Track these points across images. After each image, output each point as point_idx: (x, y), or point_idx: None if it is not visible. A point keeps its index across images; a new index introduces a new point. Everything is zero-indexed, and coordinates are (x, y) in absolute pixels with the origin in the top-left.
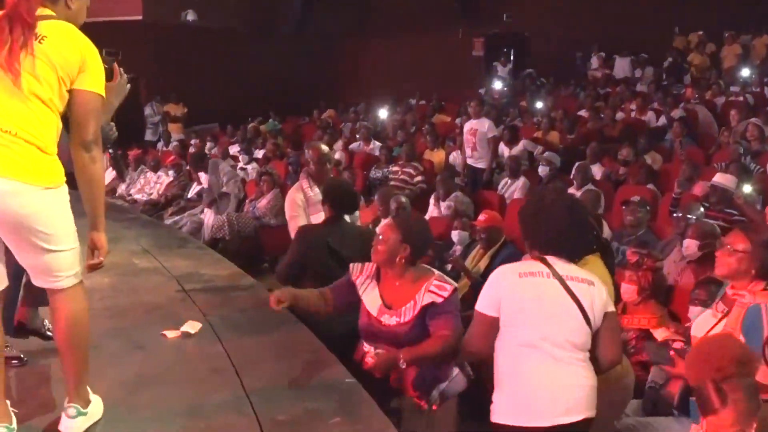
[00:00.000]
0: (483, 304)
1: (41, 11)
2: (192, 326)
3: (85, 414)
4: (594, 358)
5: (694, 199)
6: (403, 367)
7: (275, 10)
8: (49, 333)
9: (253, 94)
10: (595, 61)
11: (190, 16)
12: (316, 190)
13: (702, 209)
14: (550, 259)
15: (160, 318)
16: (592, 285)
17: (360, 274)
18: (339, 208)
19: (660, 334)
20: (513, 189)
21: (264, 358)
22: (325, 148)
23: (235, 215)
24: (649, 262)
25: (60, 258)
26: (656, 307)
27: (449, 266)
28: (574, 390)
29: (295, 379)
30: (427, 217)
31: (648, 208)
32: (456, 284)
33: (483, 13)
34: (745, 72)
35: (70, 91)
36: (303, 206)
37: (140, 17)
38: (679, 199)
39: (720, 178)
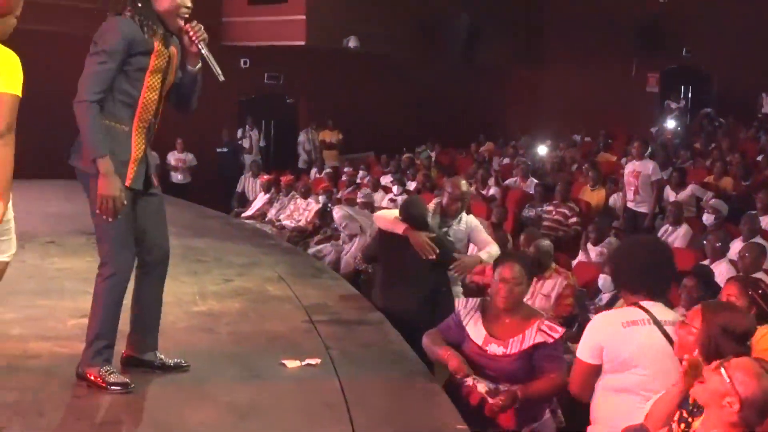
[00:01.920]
0: (586, 354)
1: None
2: (313, 359)
3: None
4: None
5: None
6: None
7: (441, 37)
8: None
9: (412, 124)
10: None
11: (353, 42)
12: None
13: None
14: (646, 304)
15: (282, 347)
16: None
17: (464, 307)
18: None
19: None
20: (674, 237)
21: (378, 396)
22: (465, 186)
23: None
24: None
25: None
26: None
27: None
28: None
29: (405, 420)
30: (575, 261)
31: None
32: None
33: (660, 47)
34: None
35: None
36: None
37: (303, 42)
38: None
39: None
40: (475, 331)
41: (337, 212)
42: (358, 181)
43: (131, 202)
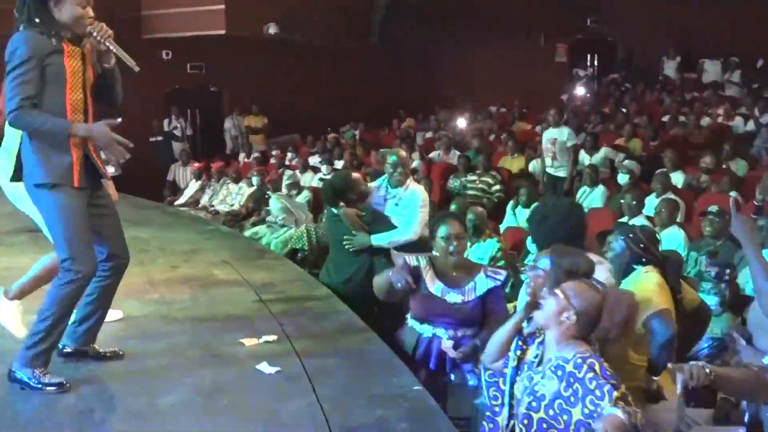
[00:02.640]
0: None
1: None
2: (270, 336)
3: None
4: None
5: None
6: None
7: (358, 19)
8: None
9: (335, 105)
10: (669, 66)
11: (272, 29)
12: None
13: None
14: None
15: (238, 327)
16: None
17: (416, 261)
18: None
19: None
20: (591, 197)
21: (336, 366)
22: (396, 156)
23: (312, 226)
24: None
25: None
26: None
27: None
28: None
29: (365, 386)
30: (504, 226)
31: (727, 217)
32: None
33: (566, 19)
34: None
35: None
36: None
37: (224, 31)
38: (762, 206)
39: None
40: (432, 284)
41: (275, 203)
42: (287, 163)
43: (85, 202)
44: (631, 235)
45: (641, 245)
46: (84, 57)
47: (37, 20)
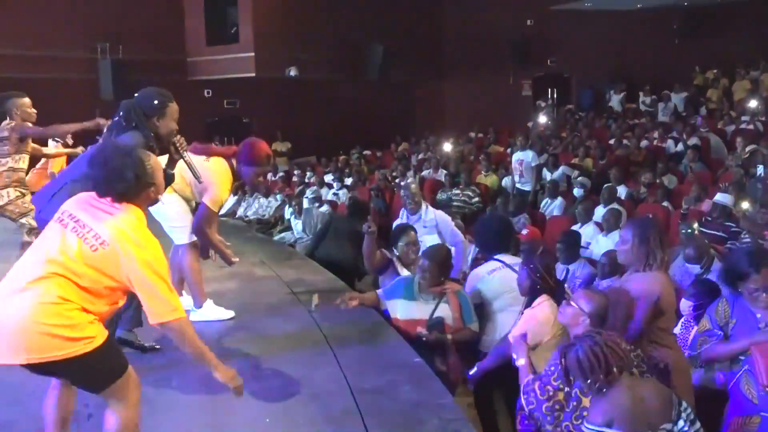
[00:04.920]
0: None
1: None
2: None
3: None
4: None
5: (698, 215)
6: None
7: (361, 61)
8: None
9: (343, 131)
10: (613, 97)
11: (293, 71)
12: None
13: (696, 224)
14: (498, 256)
15: (275, 314)
16: None
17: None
18: None
19: None
20: (552, 207)
21: (354, 342)
22: (411, 187)
23: None
24: None
25: None
26: None
27: None
28: None
29: (377, 357)
30: None
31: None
32: None
33: (530, 60)
34: (753, 103)
35: None
36: None
37: (253, 74)
38: (686, 214)
39: (719, 197)
40: (402, 272)
41: (294, 225)
42: (306, 180)
43: None
44: (531, 266)
45: (538, 275)
46: None
47: (151, 133)
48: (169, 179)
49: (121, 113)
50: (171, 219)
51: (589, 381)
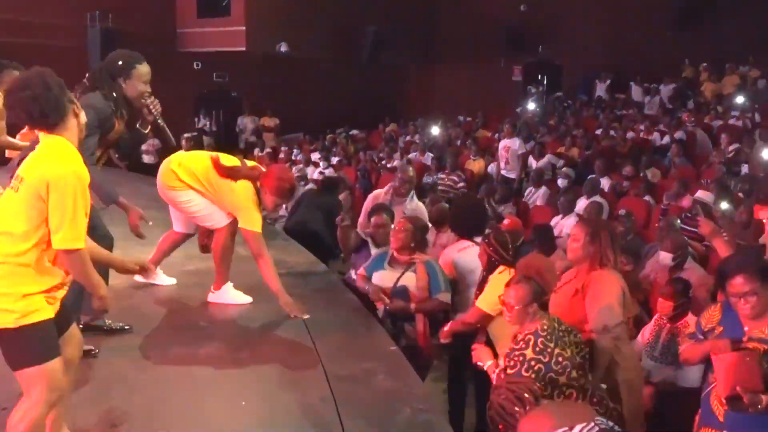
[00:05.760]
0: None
1: None
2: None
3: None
4: None
5: (679, 211)
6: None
7: (352, 42)
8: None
9: (332, 111)
10: (601, 87)
11: (283, 47)
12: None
13: (679, 221)
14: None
15: (255, 296)
16: None
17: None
18: None
19: None
20: (535, 197)
21: (331, 328)
22: (411, 172)
23: None
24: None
25: None
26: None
27: None
28: None
29: (354, 345)
30: None
31: (633, 218)
32: None
33: (522, 46)
34: (740, 99)
35: None
36: None
37: (244, 48)
38: (667, 210)
39: (700, 194)
40: (374, 250)
41: None
42: (293, 158)
43: None
44: (485, 240)
45: (491, 248)
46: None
47: (114, 94)
48: (141, 138)
49: (87, 75)
50: (199, 213)
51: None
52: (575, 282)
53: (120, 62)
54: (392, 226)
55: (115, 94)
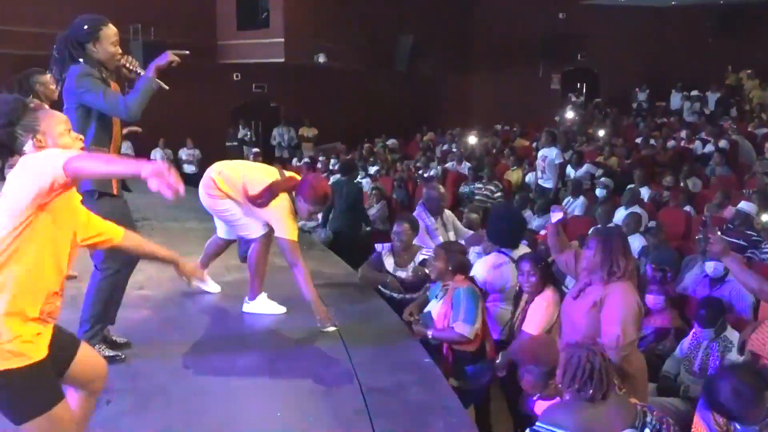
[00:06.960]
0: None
1: None
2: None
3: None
4: None
5: (720, 222)
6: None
7: (389, 52)
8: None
9: (370, 120)
10: (640, 95)
11: (321, 58)
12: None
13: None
14: (505, 250)
15: (292, 307)
16: None
17: (382, 248)
18: None
19: None
20: (573, 207)
21: (366, 340)
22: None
23: None
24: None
25: None
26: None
27: None
28: None
29: (388, 357)
30: None
31: (663, 230)
32: None
33: (560, 54)
34: None
35: None
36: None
37: (282, 59)
38: (706, 221)
39: (743, 205)
40: (388, 263)
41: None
42: (331, 168)
43: (115, 207)
44: (534, 259)
45: (540, 265)
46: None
47: (80, 60)
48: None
49: (54, 47)
50: (237, 222)
51: (579, 387)
52: (592, 294)
53: (86, 26)
54: (410, 233)
55: (95, 61)
